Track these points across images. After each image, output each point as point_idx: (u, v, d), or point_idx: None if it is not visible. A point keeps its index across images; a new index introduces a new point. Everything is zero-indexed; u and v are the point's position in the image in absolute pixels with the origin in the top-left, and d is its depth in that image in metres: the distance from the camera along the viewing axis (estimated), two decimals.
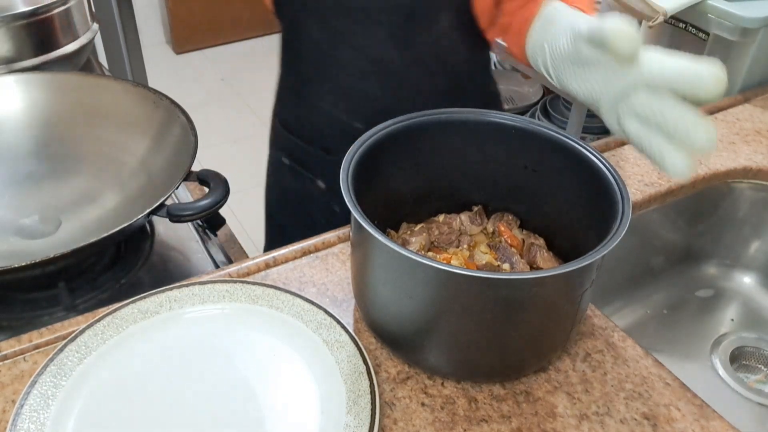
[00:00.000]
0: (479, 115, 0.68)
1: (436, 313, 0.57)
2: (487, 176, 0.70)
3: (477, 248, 0.68)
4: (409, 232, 0.70)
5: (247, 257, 0.82)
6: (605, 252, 0.52)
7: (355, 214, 0.55)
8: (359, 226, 0.55)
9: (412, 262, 0.53)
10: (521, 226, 0.71)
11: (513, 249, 0.67)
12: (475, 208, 0.72)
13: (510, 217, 0.71)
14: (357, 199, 0.57)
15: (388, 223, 0.71)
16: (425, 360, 0.62)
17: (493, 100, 0.96)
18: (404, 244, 0.68)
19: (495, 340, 0.58)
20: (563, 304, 0.57)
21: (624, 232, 0.54)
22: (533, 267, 0.66)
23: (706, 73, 0.51)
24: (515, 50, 0.77)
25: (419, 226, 0.71)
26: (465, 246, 0.69)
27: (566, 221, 0.66)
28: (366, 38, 0.81)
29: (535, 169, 0.67)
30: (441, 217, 0.72)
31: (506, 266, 0.66)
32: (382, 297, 0.61)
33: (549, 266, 0.65)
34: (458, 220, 0.71)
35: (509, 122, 0.67)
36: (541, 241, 0.69)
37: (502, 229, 0.69)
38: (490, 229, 0.71)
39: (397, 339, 0.62)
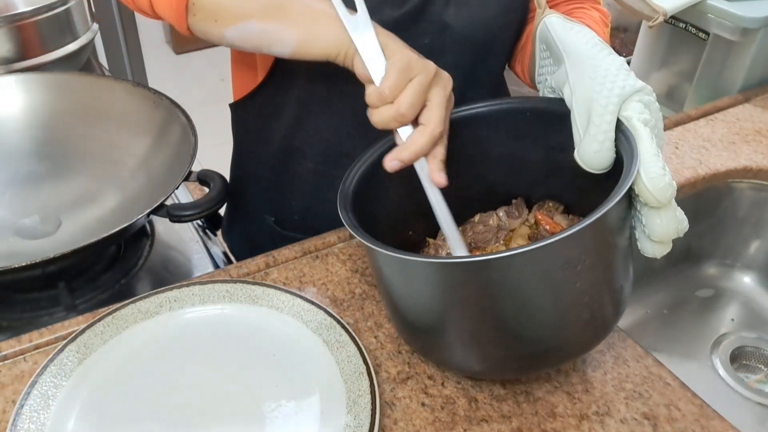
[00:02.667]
0: (492, 104, 0.64)
1: (435, 306, 0.55)
2: (519, 166, 0.67)
3: (513, 241, 0.66)
4: (442, 238, 0.68)
5: (247, 257, 0.82)
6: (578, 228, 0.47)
7: (345, 221, 0.54)
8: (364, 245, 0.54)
9: (391, 258, 0.52)
10: (568, 212, 0.67)
11: None
12: (514, 201, 0.69)
13: (550, 204, 0.68)
14: (367, 210, 0.55)
15: (427, 233, 0.69)
16: (447, 358, 0.59)
17: None
18: (437, 250, 0.66)
19: (492, 327, 0.54)
20: (552, 286, 0.51)
21: (619, 196, 0.49)
22: None
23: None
24: (518, 68, 0.78)
25: None
26: (501, 241, 0.67)
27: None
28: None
29: (562, 149, 0.60)
30: (477, 217, 0.69)
31: None
32: (399, 303, 0.58)
33: None
34: (495, 216, 0.68)
35: (524, 105, 0.64)
36: None
37: (540, 217, 0.67)
38: (533, 220, 0.68)
39: (424, 341, 0.59)
